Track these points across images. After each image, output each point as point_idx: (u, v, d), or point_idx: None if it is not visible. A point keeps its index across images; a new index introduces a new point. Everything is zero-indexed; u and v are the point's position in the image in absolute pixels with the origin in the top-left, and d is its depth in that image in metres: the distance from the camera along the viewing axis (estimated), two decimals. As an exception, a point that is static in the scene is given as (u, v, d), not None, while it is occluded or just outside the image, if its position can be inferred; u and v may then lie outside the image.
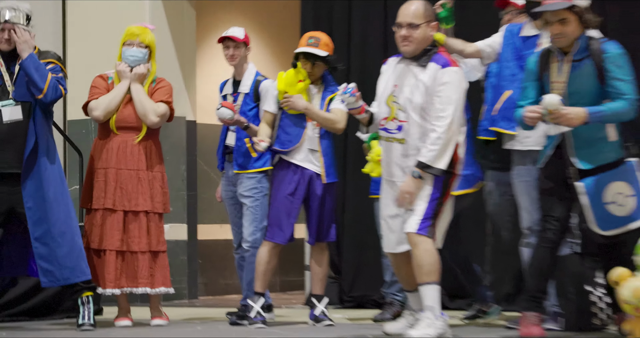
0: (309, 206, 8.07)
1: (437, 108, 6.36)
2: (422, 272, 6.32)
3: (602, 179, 6.47)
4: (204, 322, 8.68)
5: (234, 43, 8.39)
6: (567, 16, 6.46)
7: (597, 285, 7.23)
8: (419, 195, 6.33)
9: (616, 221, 6.49)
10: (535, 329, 6.47)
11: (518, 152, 7.35)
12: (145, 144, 8.18)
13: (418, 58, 6.52)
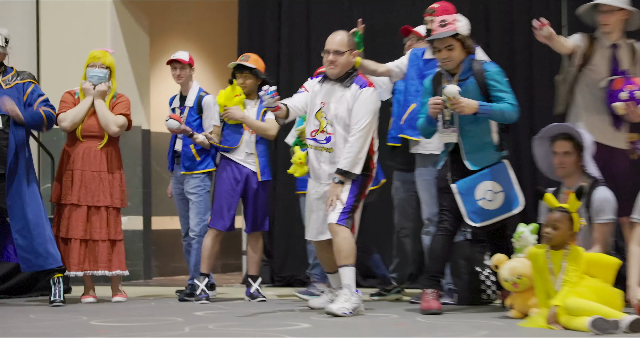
0: (246, 200, 8.14)
1: (354, 121, 6.49)
2: (341, 256, 6.46)
3: (474, 179, 6.62)
4: (157, 298, 8.61)
5: (180, 65, 8.42)
6: (452, 43, 6.58)
7: (485, 266, 7.43)
8: (342, 192, 6.43)
9: (486, 214, 6.61)
10: (434, 303, 6.55)
11: (421, 155, 7.44)
12: (107, 149, 8.21)
13: (342, 80, 6.65)
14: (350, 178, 6.50)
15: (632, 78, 6.95)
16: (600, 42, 7.13)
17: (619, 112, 6.90)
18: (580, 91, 7.12)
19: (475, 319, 6.22)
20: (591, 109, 7.08)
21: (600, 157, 6.93)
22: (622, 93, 6.85)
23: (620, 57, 7.09)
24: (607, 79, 7.02)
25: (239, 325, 5.99)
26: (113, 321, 6.37)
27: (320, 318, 6.37)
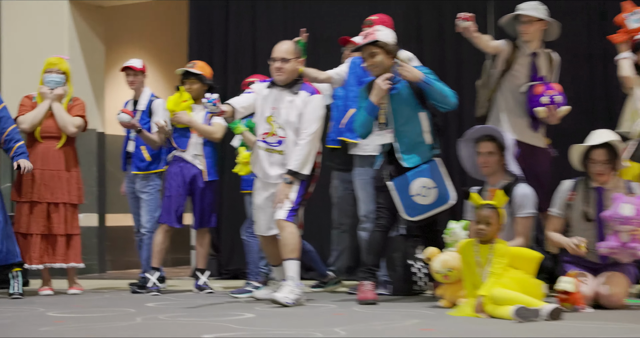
0: (194, 198, 8.18)
1: (304, 126, 6.56)
2: (287, 250, 6.52)
3: (409, 177, 6.67)
4: (111, 291, 8.55)
5: (134, 71, 8.47)
6: (374, 50, 6.64)
7: (417, 259, 7.41)
8: (291, 192, 6.51)
9: (421, 209, 6.66)
10: (370, 294, 6.59)
11: (359, 156, 7.49)
12: (65, 149, 8.23)
13: (290, 86, 6.70)
14: (299, 179, 6.57)
15: (551, 84, 7.06)
16: (522, 50, 7.21)
17: (540, 116, 6.99)
18: (502, 95, 7.22)
19: (408, 309, 6.24)
20: (513, 111, 7.17)
21: (524, 155, 7.06)
22: (543, 97, 6.94)
23: (539, 65, 7.19)
24: (527, 84, 7.12)
25: (188, 315, 5.98)
26: (69, 312, 6.34)
27: (265, 308, 6.39)
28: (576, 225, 6.33)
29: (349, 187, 7.82)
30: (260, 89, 6.86)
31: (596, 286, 6.04)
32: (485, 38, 7.21)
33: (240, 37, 10.57)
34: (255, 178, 6.99)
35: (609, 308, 5.98)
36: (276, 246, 6.75)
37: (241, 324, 5.39)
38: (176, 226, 8.11)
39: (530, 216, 6.50)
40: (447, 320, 5.47)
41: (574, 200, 6.35)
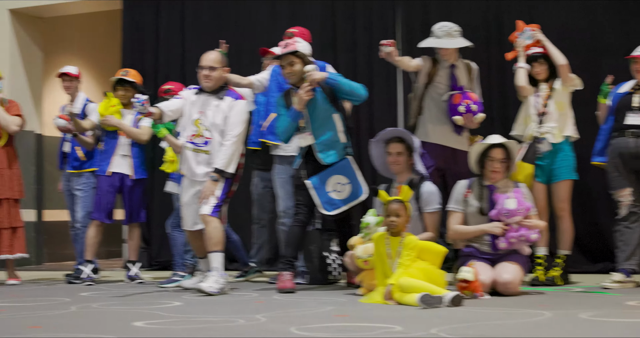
0: (124, 195, 8.18)
1: (229, 129, 6.59)
2: (212, 243, 6.52)
3: (325, 175, 6.74)
4: (47, 281, 8.43)
5: (69, 77, 8.43)
6: (293, 60, 6.73)
7: (332, 251, 7.48)
8: (215, 188, 6.52)
9: (337, 203, 6.73)
10: (289, 283, 6.61)
11: (279, 156, 7.48)
12: (6, 148, 8.16)
13: (216, 92, 6.72)
14: (224, 177, 6.57)
15: (468, 93, 7.11)
16: (441, 63, 7.26)
17: (458, 123, 7.05)
18: (427, 104, 7.24)
19: (324, 296, 6.25)
20: (437, 118, 7.19)
21: (446, 157, 7.21)
22: (460, 106, 7.01)
23: (458, 75, 7.22)
24: (448, 94, 7.15)
25: (120, 304, 5.93)
26: (8, 301, 6.24)
27: (192, 297, 6.36)
28: (472, 219, 6.42)
29: (268, 185, 7.85)
30: (189, 95, 6.86)
31: (493, 275, 6.09)
32: (405, 60, 7.28)
33: (170, 48, 10.52)
34: (182, 177, 6.93)
35: (506, 295, 6.04)
36: (201, 240, 6.74)
37: (170, 312, 5.34)
38: (106, 222, 8.09)
39: (437, 211, 6.55)
40: (359, 307, 5.48)
41: (469, 197, 6.43)
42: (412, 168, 6.68)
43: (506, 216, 6.16)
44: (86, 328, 4.56)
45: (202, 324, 4.64)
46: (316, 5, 9.71)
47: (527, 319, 4.62)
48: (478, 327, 4.32)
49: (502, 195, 6.26)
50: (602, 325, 4.37)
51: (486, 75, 8.66)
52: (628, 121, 6.75)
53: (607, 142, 6.91)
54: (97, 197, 8.07)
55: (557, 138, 7.01)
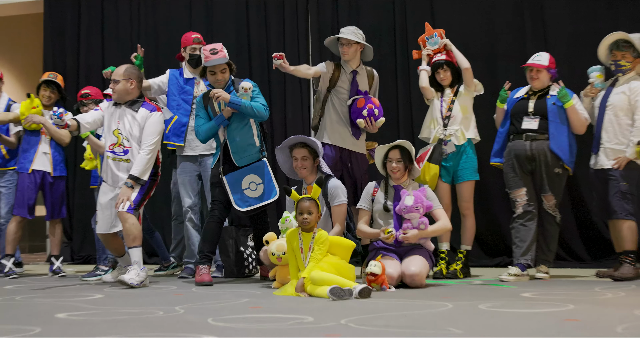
0: (44, 192, 8.15)
1: (145, 140, 6.62)
2: (130, 239, 6.49)
3: (240, 173, 6.81)
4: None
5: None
6: (225, 67, 6.80)
7: (247, 246, 7.53)
8: (132, 193, 6.52)
9: (250, 201, 6.78)
10: (206, 277, 6.62)
11: (183, 156, 7.59)
12: None
13: (131, 104, 6.72)
14: (140, 184, 6.55)
15: (372, 98, 7.13)
16: (344, 69, 7.23)
17: (361, 126, 7.05)
18: (328, 108, 7.20)
19: (239, 289, 6.24)
20: (337, 122, 7.15)
21: (345, 158, 7.19)
22: (364, 110, 7.01)
23: (359, 81, 7.21)
24: (352, 98, 7.14)
25: (43, 296, 5.84)
26: None
27: (113, 289, 6.34)
28: (378, 215, 6.48)
29: (176, 184, 7.86)
30: (107, 107, 6.86)
31: (401, 268, 6.13)
32: (302, 68, 7.23)
33: (90, 51, 10.40)
34: (103, 182, 6.89)
35: (412, 287, 6.09)
36: (117, 240, 6.82)
37: (91, 304, 5.27)
38: (28, 217, 8.05)
39: (343, 203, 6.54)
40: (272, 299, 5.48)
41: (376, 195, 6.49)
42: (317, 169, 6.69)
43: (404, 211, 6.25)
44: (10, 320, 4.46)
45: (123, 316, 4.58)
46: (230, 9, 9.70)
47: (431, 310, 4.65)
48: (385, 317, 4.33)
49: (403, 192, 6.35)
50: (500, 315, 4.42)
51: (393, 81, 8.73)
52: (524, 125, 6.85)
53: (504, 144, 7.00)
54: (19, 193, 8.01)
55: (461, 140, 7.08)
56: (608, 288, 5.95)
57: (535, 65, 6.93)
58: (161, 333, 3.86)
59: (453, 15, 8.68)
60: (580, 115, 6.82)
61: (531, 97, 6.94)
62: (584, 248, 8.20)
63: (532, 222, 6.80)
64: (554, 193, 6.80)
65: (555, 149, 6.75)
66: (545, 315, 4.40)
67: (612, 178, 6.77)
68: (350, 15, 9.07)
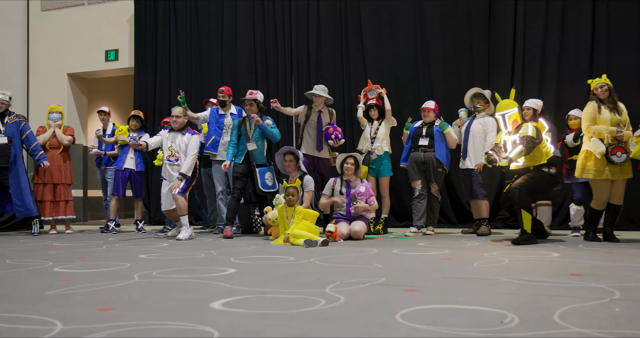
0: (131, 181, 7.94)
1: (189, 151, 6.52)
2: (180, 211, 6.45)
3: (265, 170, 6.73)
4: (89, 232, 8.14)
5: (104, 113, 8.24)
6: (252, 102, 6.71)
7: (255, 215, 7.46)
8: (180, 183, 6.41)
9: (267, 187, 6.70)
10: (229, 233, 6.53)
11: (215, 160, 7.41)
12: (63, 154, 7.93)
13: (181, 130, 6.64)
14: (185, 178, 6.43)
15: (337, 127, 7.13)
16: (314, 110, 7.21)
17: (330, 144, 7.09)
18: (305, 132, 7.18)
19: (250, 240, 6.16)
20: (310, 140, 7.14)
21: (315, 163, 7.14)
22: (332, 135, 7.04)
23: (322, 118, 7.18)
24: (326, 127, 7.14)
25: (132, 245, 5.75)
26: (66, 242, 5.97)
27: (173, 241, 6.26)
28: (336, 197, 6.40)
29: (210, 177, 7.69)
30: (164, 133, 6.75)
31: (349, 228, 6.12)
32: (288, 109, 7.24)
33: (160, 101, 10.22)
34: (163, 179, 6.78)
35: (355, 239, 6.07)
36: (174, 213, 6.67)
37: (161, 249, 5.20)
38: (121, 197, 7.91)
39: (311, 190, 6.45)
40: (270, 247, 5.41)
41: (335, 186, 6.43)
42: (298, 168, 6.65)
43: (358, 195, 6.24)
44: (112, 259, 4.42)
45: (180, 256, 4.55)
46: (244, 63, 9.59)
47: (364, 253, 4.65)
48: (337, 257, 4.33)
49: (358, 184, 6.32)
50: (405, 256, 4.43)
51: (346, 114, 8.70)
52: (420, 143, 6.87)
53: (408, 153, 7.02)
54: (116, 182, 7.88)
55: (381, 152, 7.09)
56: (469, 240, 5.99)
57: (427, 108, 6.97)
58: (202, 267, 3.84)
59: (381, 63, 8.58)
60: (453, 137, 6.86)
61: (424, 126, 6.94)
62: (455, 216, 8.21)
63: (424, 200, 6.80)
64: (437, 183, 6.81)
65: (438, 157, 6.77)
66: (431, 256, 4.41)
67: (474, 175, 6.81)
68: (319, 80, 9.04)
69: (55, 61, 11.09)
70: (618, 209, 5.66)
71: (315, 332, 2.00)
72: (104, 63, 10.84)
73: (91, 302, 2.60)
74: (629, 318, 2.15)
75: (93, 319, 2.23)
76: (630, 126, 5.65)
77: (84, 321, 2.20)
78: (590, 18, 7.68)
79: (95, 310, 2.40)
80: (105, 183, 8.24)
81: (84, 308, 2.46)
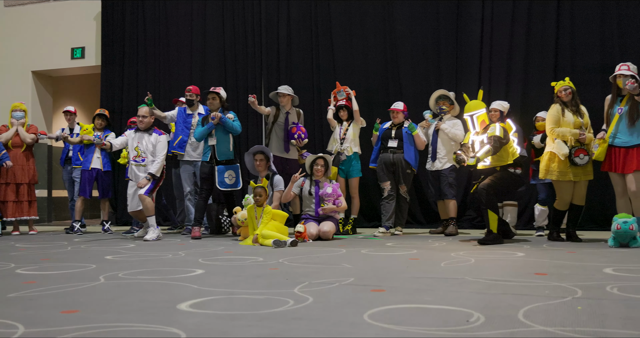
0: (98, 182, 7.88)
1: (157, 152, 6.51)
2: (147, 211, 6.40)
3: (225, 168, 6.65)
4: (53, 232, 7.99)
5: (70, 113, 8.23)
6: (215, 96, 6.63)
7: (224, 215, 7.38)
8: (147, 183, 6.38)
9: (227, 185, 6.63)
10: (198, 233, 6.52)
11: (184, 160, 7.32)
12: (26, 153, 7.84)
13: (148, 130, 6.59)
14: (154, 178, 6.40)
15: (301, 127, 7.14)
16: (282, 110, 7.20)
17: (293, 144, 7.10)
18: (273, 133, 7.18)
19: (218, 241, 6.14)
20: (278, 141, 7.14)
21: (282, 163, 7.13)
22: (295, 135, 7.06)
23: (290, 118, 7.19)
24: (290, 126, 7.12)
25: (98, 245, 5.68)
26: (28, 244, 5.85)
27: (140, 242, 6.20)
28: (305, 197, 6.43)
29: (179, 177, 7.60)
30: (130, 133, 6.69)
31: (318, 228, 6.13)
32: (262, 108, 7.19)
33: (128, 100, 10.08)
34: (130, 180, 6.73)
35: (324, 239, 6.09)
36: (141, 214, 6.61)
37: (128, 250, 5.16)
38: (87, 197, 7.81)
39: (281, 190, 6.47)
40: (239, 247, 5.39)
41: (304, 186, 6.44)
42: (268, 168, 6.64)
43: (325, 196, 6.26)
44: (77, 260, 4.36)
45: (147, 258, 4.51)
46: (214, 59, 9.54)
47: (333, 253, 4.66)
48: (306, 257, 4.33)
49: (326, 185, 6.33)
50: (374, 256, 4.45)
51: (315, 115, 8.71)
52: (389, 144, 6.91)
53: (377, 155, 7.05)
54: (82, 182, 7.76)
55: (350, 152, 7.11)
56: (436, 240, 6.05)
57: (395, 109, 7.01)
58: (170, 268, 3.81)
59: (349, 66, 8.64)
60: (421, 139, 6.91)
61: (393, 128, 6.98)
62: (423, 217, 8.28)
63: (393, 201, 6.84)
64: (406, 184, 6.85)
65: (406, 158, 6.81)
66: (399, 256, 4.44)
67: (443, 175, 6.88)
68: (288, 78, 9.03)
69: (19, 58, 10.86)
70: (580, 209, 5.78)
71: (284, 332, 2.00)
72: (70, 61, 10.65)
73: (56, 304, 2.56)
74: (590, 316, 2.20)
75: (57, 322, 2.19)
76: (591, 129, 5.78)
77: (48, 324, 2.16)
78: (555, 21, 7.84)
79: (59, 313, 2.36)
80: (71, 183, 8.12)
81: (48, 310, 2.42)
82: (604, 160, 5.50)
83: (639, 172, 5.23)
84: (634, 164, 5.24)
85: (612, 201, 5.56)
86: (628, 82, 5.14)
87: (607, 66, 7.08)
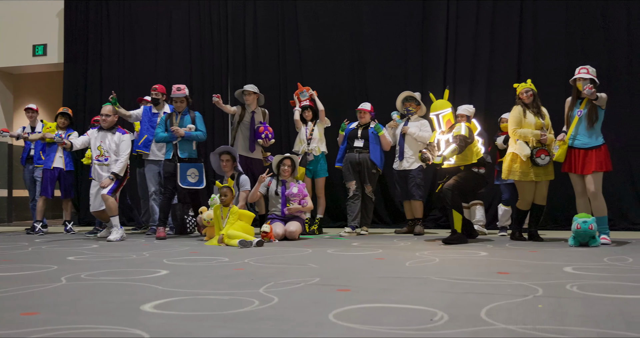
0: (60, 181, 7.79)
1: (121, 152, 6.41)
2: (111, 211, 6.32)
3: (187, 166, 6.61)
4: (12, 233, 7.81)
5: (32, 111, 8.05)
6: (183, 99, 6.64)
7: (189, 215, 7.32)
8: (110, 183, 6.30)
9: (189, 183, 6.59)
10: (163, 234, 6.45)
11: (149, 160, 7.20)
12: None
13: (111, 129, 6.51)
14: (117, 178, 6.33)
15: (268, 127, 7.11)
16: (247, 110, 7.17)
17: (259, 143, 7.08)
18: (239, 132, 7.14)
19: (184, 241, 6.11)
20: (243, 140, 7.10)
21: (247, 162, 7.07)
22: (262, 134, 7.02)
23: (255, 118, 7.16)
24: (257, 126, 7.09)
25: (60, 246, 5.58)
26: (-14, 245, 5.73)
27: (103, 242, 6.11)
28: (272, 197, 6.41)
29: (144, 177, 7.50)
30: (93, 132, 6.58)
31: (284, 228, 6.12)
32: (227, 107, 7.15)
33: (91, 100, 9.91)
34: (92, 179, 6.62)
35: (290, 239, 6.09)
36: (104, 214, 6.55)
37: (90, 251, 5.07)
38: (49, 197, 7.70)
39: (247, 189, 6.45)
40: (204, 248, 5.37)
41: (270, 185, 6.42)
42: (235, 168, 6.61)
43: (291, 196, 6.26)
44: (38, 261, 4.26)
45: (110, 258, 4.45)
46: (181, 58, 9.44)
47: (299, 253, 4.66)
48: (271, 258, 4.33)
49: (292, 185, 6.33)
50: (339, 256, 4.47)
51: (282, 115, 8.69)
52: (355, 144, 6.94)
53: (343, 154, 7.08)
54: (44, 182, 7.62)
55: (317, 152, 7.12)
56: (402, 240, 6.10)
57: (363, 109, 7.04)
58: (134, 268, 3.76)
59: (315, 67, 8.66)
60: (387, 139, 6.97)
61: (359, 128, 7.02)
62: (388, 216, 8.32)
63: (358, 201, 6.88)
64: (371, 184, 6.90)
65: (372, 158, 6.86)
66: (365, 256, 4.47)
67: (411, 176, 6.94)
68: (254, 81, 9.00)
69: (-22, 55, 10.61)
70: (542, 209, 5.89)
71: (250, 332, 1.99)
72: (32, 58, 10.43)
73: (15, 305, 2.50)
74: (550, 314, 2.25)
75: (16, 324, 2.15)
76: (552, 130, 5.90)
77: (6, 326, 2.11)
78: (518, 23, 7.96)
79: (19, 315, 2.31)
80: (32, 182, 7.96)
81: (6, 312, 2.36)
82: (564, 161, 5.61)
83: (597, 173, 5.34)
84: (592, 165, 5.35)
85: (572, 201, 5.66)
86: (586, 87, 5.25)
87: (569, 68, 7.20)
